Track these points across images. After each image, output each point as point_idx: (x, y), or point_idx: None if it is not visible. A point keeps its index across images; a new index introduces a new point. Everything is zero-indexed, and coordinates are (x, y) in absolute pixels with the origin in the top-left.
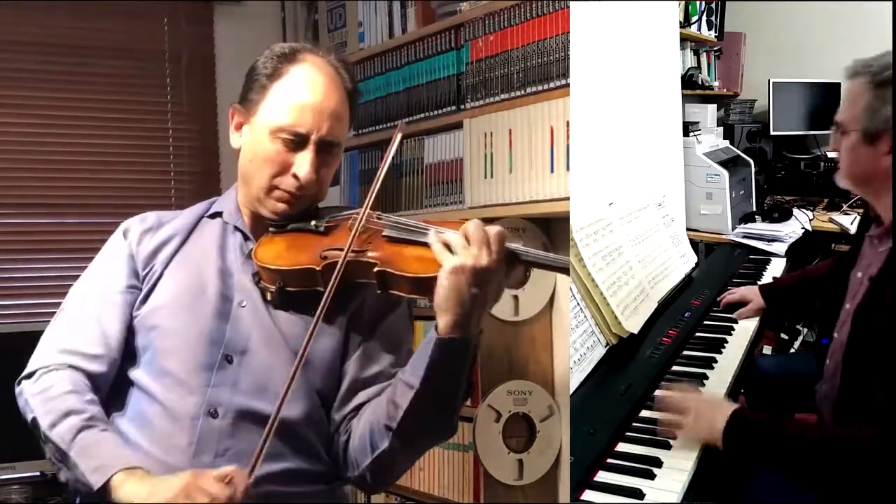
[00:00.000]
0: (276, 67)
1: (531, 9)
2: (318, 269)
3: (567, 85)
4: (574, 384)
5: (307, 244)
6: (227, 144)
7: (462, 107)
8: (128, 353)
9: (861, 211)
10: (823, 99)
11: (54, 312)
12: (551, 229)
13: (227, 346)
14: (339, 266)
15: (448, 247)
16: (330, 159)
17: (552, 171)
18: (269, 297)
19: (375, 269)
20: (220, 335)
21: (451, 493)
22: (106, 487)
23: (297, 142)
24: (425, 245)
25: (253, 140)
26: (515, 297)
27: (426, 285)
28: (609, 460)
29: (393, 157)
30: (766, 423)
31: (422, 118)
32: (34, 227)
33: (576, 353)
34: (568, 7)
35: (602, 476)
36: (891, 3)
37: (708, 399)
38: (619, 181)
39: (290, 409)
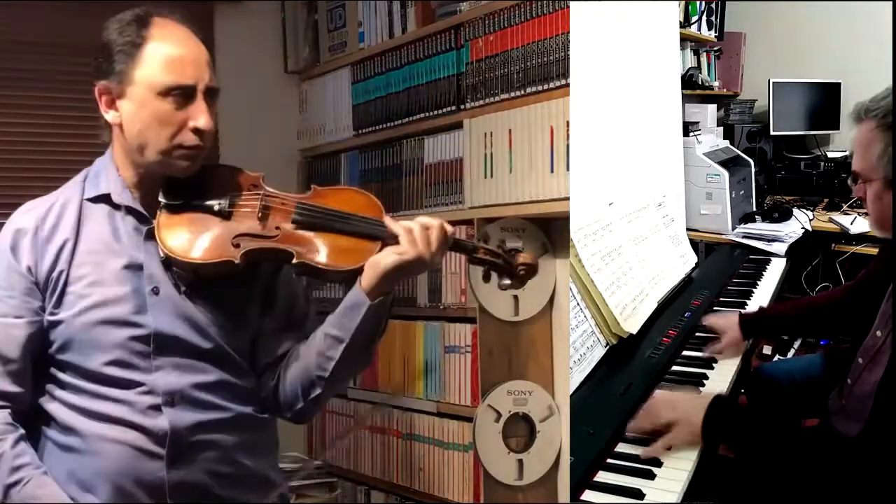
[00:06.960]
0: (138, 33)
1: (531, 9)
2: (236, 261)
3: (567, 85)
4: (574, 384)
5: (213, 229)
6: (227, 143)
7: (462, 107)
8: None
9: (861, 211)
10: (823, 99)
11: None
12: (551, 229)
13: (156, 338)
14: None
15: (410, 235)
16: (213, 108)
17: (552, 171)
18: (181, 287)
19: (294, 260)
20: (145, 329)
21: (450, 493)
22: None
23: (186, 96)
24: (339, 233)
25: (139, 107)
26: (515, 297)
27: (349, 277)
28: (609, 460)
29: (393, 158)
30: (744, 409)
31: (422, 118)
32: None
33: (576, 353)
34: (568, 7)
35: (602, 476)
36: (891, 3)
37: (680, 396)
38: (618, 181)
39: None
